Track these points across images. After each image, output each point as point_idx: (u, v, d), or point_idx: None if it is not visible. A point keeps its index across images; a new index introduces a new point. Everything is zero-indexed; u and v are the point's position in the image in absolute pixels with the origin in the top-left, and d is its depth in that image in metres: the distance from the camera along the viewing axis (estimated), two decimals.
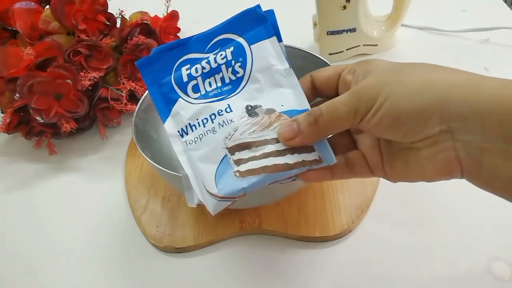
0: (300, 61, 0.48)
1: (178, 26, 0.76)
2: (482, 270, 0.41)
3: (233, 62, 0.35)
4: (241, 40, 0.36)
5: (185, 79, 0.36)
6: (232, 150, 0.33)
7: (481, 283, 0.41)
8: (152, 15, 0.74)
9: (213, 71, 0.36)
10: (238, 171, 0.32)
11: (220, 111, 0.34)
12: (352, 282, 0.42)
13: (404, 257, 0.43)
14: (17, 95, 0.56)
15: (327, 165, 0.32)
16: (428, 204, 0.47)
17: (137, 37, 0.61)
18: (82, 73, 0.57)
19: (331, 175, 0.32)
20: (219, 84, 0.36)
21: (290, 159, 0.32)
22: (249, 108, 0.34)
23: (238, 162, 0.32)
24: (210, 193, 0.33)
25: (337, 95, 0.31)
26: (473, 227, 0.45)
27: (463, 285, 0.41)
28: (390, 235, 0.45)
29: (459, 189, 0.48)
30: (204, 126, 0.34)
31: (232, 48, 0.36)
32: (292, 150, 0.32)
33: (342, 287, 0.42)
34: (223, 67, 0.36)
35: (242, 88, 0.35)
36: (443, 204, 0.47)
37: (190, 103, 0.36)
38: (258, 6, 0.36)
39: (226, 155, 0.33)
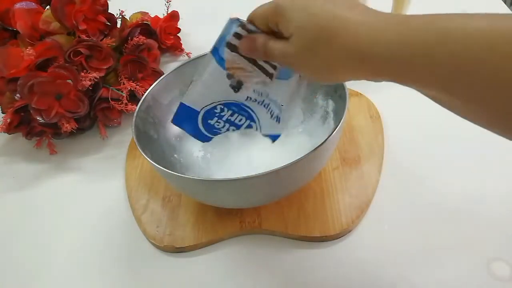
0: None
1: (179, 26, 0.77)
2: (482, 270, 0.41)
3: None
4: None
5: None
6: None
7: (481, 283, 0.41)
8: (152, 16, 0.74)
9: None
10: None
11: None
12: (352, 282, 0.42)
13: (403, 257, 0.43)
14: (18, 95, 0.56)
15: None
16: (427, 204, 0.47)
17: (137, 37, 0.62)
18: (82, 73, 0.57)
19: None
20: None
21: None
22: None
23: None
24: None
25: None
26: (473, 227, 0.45)
27: (463, 285, 0.41)
28: (389, 235, 0.45)
29: (459, 189, 0.48)
30: None
31: None
32: None
33: (342, 287, 0.42)
34: None
35: None
36: (443, 204, 0.47)
37: None
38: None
39: None
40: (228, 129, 0.45)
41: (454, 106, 0.27)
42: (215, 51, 0.37)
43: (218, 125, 0.44)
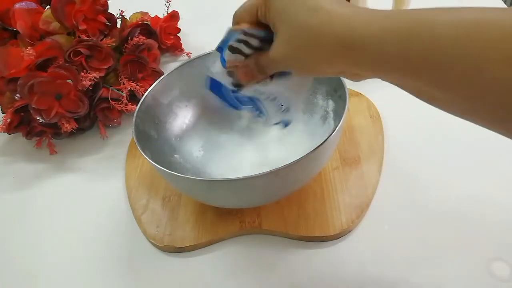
0: None
1: (179, 26, 0.77)
2: (482, 270, 0.41)
3: None
4: None
5: None
6: None
7: (481, 283, 0.41)
8: (152, 16, 0.74)
9: None
10: None
11: None
12: (352, 282, 0.42)
13: (403, 257, 0.43)
14: (18, 95, 0.56)
15: None
16: (427, 204, 0.47)
17: (137, 37, 0.62)
18: (82, 73, 0.57)
19: None
20: None
21: None
22: None
23: None
24: None
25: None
26: (473, 227, 0.45)
27: (463, 285, 0.41)
28: (389, 235, 0.45)
29: (459, 189, 0.48)
30: None
31: None
32: None
33: (342, 287, 0.42)
34: None
35: None
36: (443, 204, 0.47)
37: None
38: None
39: None
40: (249, 106, 0.44)
41: (435, 98, 0.27)
42: (220, 49, 0.37)
43: (242, 98, 0.43)
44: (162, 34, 0.73)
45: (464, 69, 0.23)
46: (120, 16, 0.65)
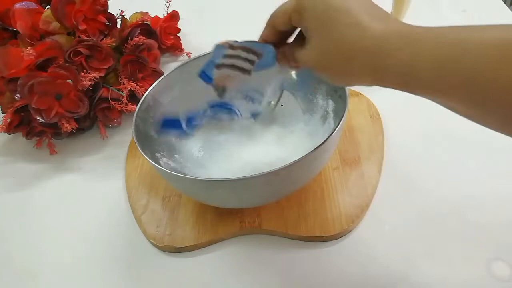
0: None
1: (179, 26, 0.77)
2: (482, 270, 0.41)
3: None
4: None
5: None
6: None
7: (481, 283, 0.41)
8: (152, 16, 0.74)
9: None
10: None
11: None
12: (352, 282, 0.42)
13: (403, 257, 0.43)
14: (18, 95, 0.56)
15: None
16: (427, 204, 0.47)
17: (137, 37, 0.62)
18: (82, 73, 0.57)
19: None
20: None
21: None
22: None
23: None
24: None
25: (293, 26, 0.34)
26: (473, 227, 0.45)
27: (463, 285, 0.41)
28: (389, 235, 0.45)
29: (459, 189, 0.49)
30: None
31: None
32: None
33: (342, 287, 0.42)
34: None
35: None
36: (443, 204, 0.47)
37: None
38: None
39: None
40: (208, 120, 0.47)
41: (471, 116, 0.27)
42: (203, 73, 0.40)
43: (200, 121, 0.47)
44: (162, 34, 0.73)
45: (498, 90, 0.23)
46: (120, 16, 0.65)
